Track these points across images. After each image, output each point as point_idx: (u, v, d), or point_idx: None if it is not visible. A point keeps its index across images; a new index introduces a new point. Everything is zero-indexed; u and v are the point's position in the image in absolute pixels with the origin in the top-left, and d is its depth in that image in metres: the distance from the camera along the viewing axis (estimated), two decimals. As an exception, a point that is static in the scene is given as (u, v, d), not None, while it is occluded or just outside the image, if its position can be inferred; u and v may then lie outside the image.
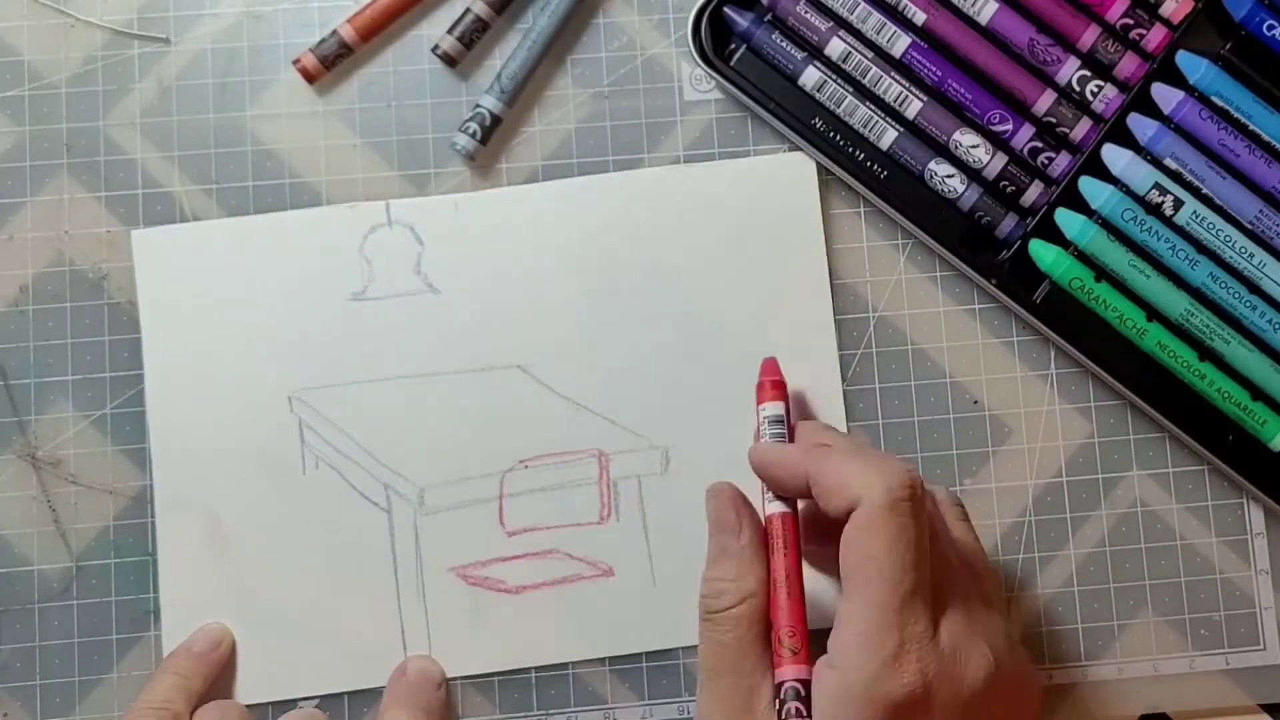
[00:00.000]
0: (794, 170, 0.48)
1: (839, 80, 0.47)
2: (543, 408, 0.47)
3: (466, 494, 0.46)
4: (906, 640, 0.36)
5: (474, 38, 0.48)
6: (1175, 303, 0.46)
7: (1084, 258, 0.46)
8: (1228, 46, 0.47)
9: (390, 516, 0.46)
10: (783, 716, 0.37)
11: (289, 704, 0.46)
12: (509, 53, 0.48)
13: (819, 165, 0.48)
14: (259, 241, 0.47)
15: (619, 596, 0.46)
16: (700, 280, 0.47)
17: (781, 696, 0.37)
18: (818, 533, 0.42)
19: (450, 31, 0.48)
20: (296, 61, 0.47)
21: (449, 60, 0.48)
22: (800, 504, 0.41)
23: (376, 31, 0.48)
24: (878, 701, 0.36)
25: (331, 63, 0.47)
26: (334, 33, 0.47)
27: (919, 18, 0.47)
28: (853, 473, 0.37)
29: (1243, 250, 0.46)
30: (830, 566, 0.41)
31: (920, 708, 0.36)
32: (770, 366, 0.45)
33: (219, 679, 0.45)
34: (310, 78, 0.47)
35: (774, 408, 0.44)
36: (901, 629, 0.36)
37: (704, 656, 0.39)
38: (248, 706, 0.45)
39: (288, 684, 0.46)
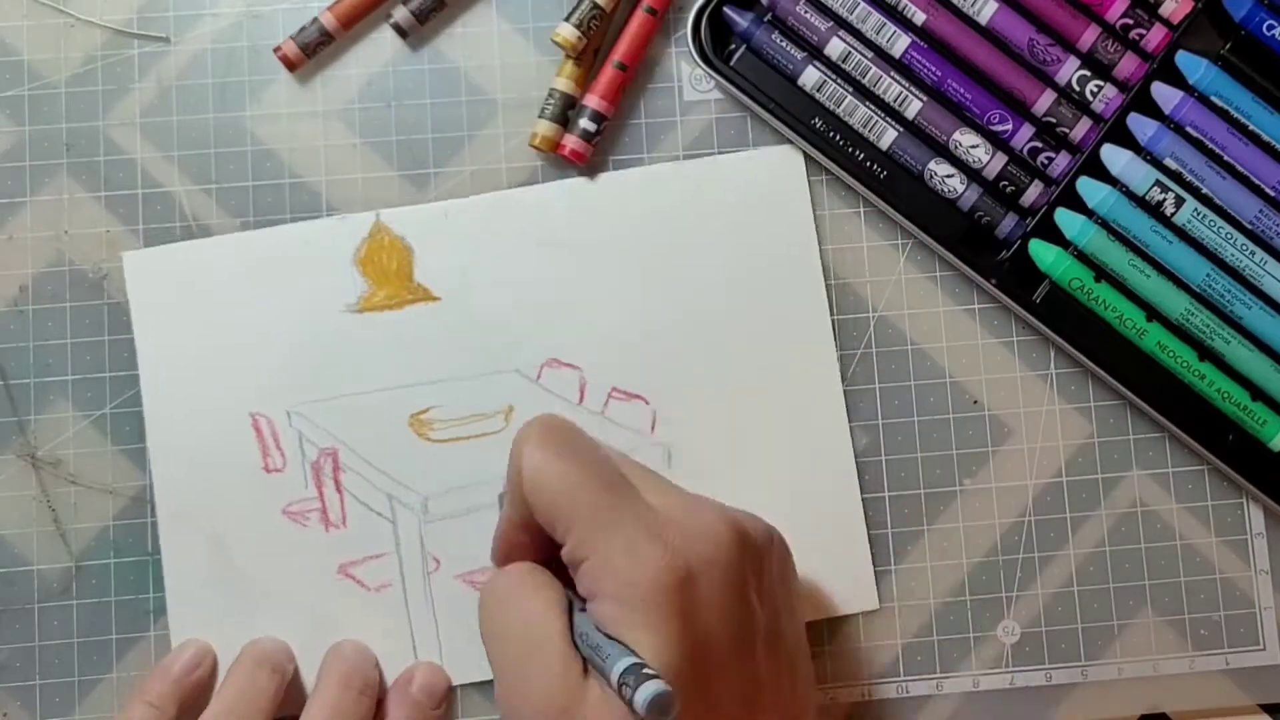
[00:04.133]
0: (780, 163, 0.48)
1: (839, 80, 0.47)
2: (542, 409, 0.46)
3: (470, 500, 0.46)
4: (627, 520, 0.37)
5: (429, 16, 0.47)
6: (1175, 303, 0.46)
7: (1084, 258, 0.46)
8: (1228, 46, 0.47)
9: (395, 527, 0.46)
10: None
11: (296, 713, 0.45)
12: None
13: (819, 165, 0.48)
14: (251, 258, 0.47)
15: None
16: (697, 279, 0.47)
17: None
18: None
19: (405, 3, 0.47)
20: (278, 49, 0.47)
21: (400, 31, 0.47)
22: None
23: (357, 19, 0.47)
24: (646, 585, 0.36)
25: (312, 50, 0.47)
26: (314, 20, 0.47)
27: (919, 18, 0.47)
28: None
29: (1243, 249, 0.46)
30: None
31: (688, 581, 0.36)
32: None
33: (197, 702, 0.44)
34: (291, 65, 0.47)
35: None
36: (616, 517, 0.37)
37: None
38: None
39: (299, 694, 0.45)
